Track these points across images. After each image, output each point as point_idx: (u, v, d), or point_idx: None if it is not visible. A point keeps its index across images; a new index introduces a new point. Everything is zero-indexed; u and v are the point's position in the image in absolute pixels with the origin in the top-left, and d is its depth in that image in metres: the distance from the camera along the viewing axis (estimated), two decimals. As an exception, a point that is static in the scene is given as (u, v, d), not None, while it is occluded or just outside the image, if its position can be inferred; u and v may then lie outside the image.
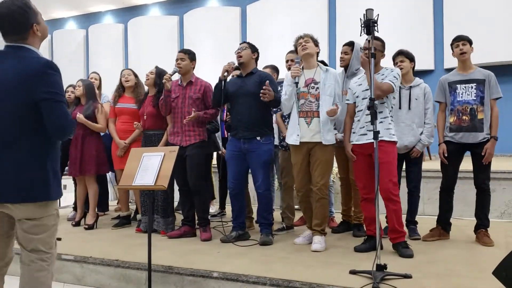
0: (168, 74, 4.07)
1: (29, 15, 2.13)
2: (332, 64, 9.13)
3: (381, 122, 3.42)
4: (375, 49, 3.33)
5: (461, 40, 3.81)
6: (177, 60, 4.16)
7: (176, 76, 4.32)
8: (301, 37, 3.76)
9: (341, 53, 4.14)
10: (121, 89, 4.85)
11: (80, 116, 4.56)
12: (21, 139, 2.07)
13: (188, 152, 4.07)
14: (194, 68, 4.25)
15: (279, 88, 4.03)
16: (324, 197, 3.65)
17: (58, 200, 2.25)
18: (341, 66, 4.16)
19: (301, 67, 3.68)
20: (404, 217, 3.64)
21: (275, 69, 4.64)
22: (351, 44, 4.11)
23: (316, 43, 3.76)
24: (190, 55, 4.19)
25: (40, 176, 2.11)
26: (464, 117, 3.78)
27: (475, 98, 3.76)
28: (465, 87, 3.80)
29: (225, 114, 4.88)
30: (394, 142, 3.47)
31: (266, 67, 4.73)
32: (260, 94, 3.69)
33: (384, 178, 3.36)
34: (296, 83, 3.62)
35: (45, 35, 2.23)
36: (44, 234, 2.16)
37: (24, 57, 2.09)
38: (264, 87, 3.68)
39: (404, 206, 3.64)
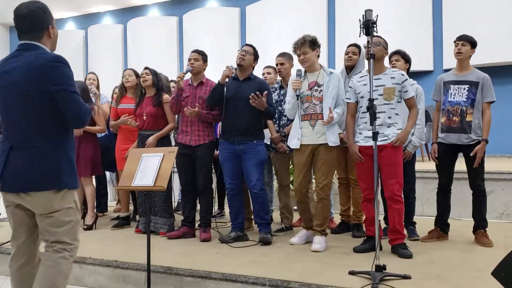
0: (182, 73, 4.08)
1: (47, 17, 2.28)
2: (331, 63, 9.15)
3: (389, 126, 3.44)
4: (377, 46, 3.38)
5: (461, 40, 3.79)
6: (190, 59, 4.17)
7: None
8: (297, 47, 3.69)
9: (349, 52, 4.12)
10: (123, 90, 4.84)
11: None
12: (33, 131, 2.16)
13: (198, 152, 4.08)
14: (205, 69, 4.27)
15: (274, 100, 4.11)
16: (325, 197, 3.66)
17: (76, 193, 2.32)
18: (346, 65, 4.14)
19: (302, 79, 3.68)
20: (402, 218, 3.64)
21: (275, 70, 4.65)
22: (358, 46, 4.11)
23: (314, 47, 3.69)
24: (203, 56, 4.21)
25: (53, 165, 2.18)
26: (454, 118, 3.78)
27: (465, 100, 3.75)
28: (458, 88, 3.80)
29: None
30: (401, 147, 3.48)
31: (267, 67, 4.73)
32: (250, 97, 3.70)
33: (390, 179, 3.40)
34: (298, 96, 3.64)
35: (56, 37, 2.35)
36: (66, 227, 2.24)
37: (32, 54, 2.18)
38: (257, 93, 3.69)
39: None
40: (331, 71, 3.75)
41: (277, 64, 4.39)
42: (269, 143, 4.40)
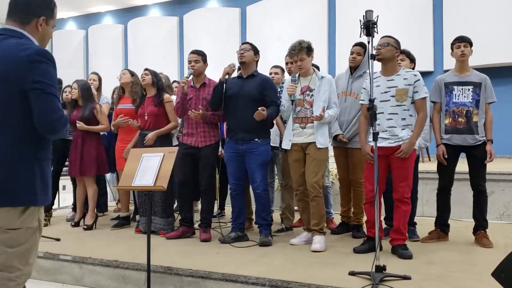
0: (185, 77, 4.06)
1: (43, 7, 1.97)
2: (331, 64, 9.14)
3: (403, 129, 3.44)
4: (378, 49, 3.39)
5: (463, 42, 3.80)
6: (190, 62, 4.13)
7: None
8: (294, 53, 3.71)
9: (353, 52, 4.11)
10: (121, 91, 4.86)
11: (81, 125, 4.56)
12: (5, 135, 1.84)
13: (203, 152, 4.08)
14: (205, 70, 4.25)
15: (278, 93, 4.06)
16: (318, 195, 3.67)
17: (42, 210, 1.98)
18: (350, 66, 4.14)
19: (296, 84, 3.73)
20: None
21: (283, 70, 4.65)
22: (364, 46, 4.08)
23: (309, 52, 3.74)
24: (203, 57, 4.19)
25: (27, 179, 1.87)
26: (460, 119, 3.79)
27: (471, 101, 3.76)
28: (462, 89, 3.80)
29: None
30: (414, 149, 3.46)
31: (275, 67, 4.72)
32: (255, 115, 3.71)
33: (401, 181, 3.41)
34: (293, 101, 3.70)
35: (45, 39, 2.02)
36: (19, 248, 1.87)
37: (16, 44, 1.86)
38: (257, 112, 3.69)
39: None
40: (322, 75, 3.79)
41: (287, 63, 4.38)
42: (277, 143, 4.37)
